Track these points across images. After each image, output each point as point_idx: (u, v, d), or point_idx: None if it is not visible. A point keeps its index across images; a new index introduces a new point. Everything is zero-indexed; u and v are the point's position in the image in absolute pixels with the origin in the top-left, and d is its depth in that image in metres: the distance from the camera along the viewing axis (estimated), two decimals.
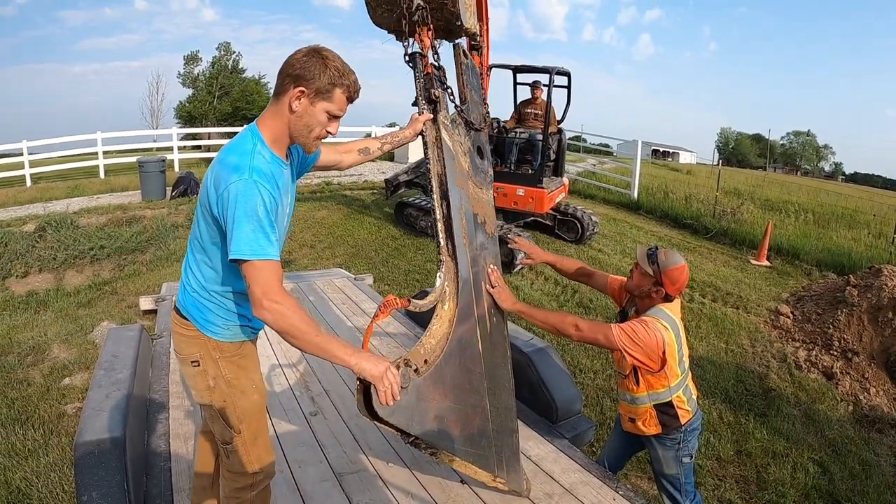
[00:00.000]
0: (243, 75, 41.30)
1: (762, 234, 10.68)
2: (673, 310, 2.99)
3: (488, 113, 3.54)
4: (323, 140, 2.18)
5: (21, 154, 16.21)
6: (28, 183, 16.12)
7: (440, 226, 2.65)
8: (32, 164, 16.36)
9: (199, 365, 2.23)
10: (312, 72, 1.94)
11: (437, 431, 2.39)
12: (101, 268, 9.72)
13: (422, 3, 2.64)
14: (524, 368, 4.04)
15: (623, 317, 3.25)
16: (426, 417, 2.32)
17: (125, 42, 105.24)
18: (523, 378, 4.08)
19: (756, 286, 8.99)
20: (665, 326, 2.89)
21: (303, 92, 1.96)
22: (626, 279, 3.30)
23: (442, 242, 2.63)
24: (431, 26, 2.63)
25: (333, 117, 2.06)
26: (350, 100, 2.07)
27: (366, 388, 1.98)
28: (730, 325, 7.49)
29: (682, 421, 3.07)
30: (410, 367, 2.22)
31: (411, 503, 3.06)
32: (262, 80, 40.97)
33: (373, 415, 2.06)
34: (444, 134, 2.73)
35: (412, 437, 2.29)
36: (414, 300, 2.46)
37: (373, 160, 2.78)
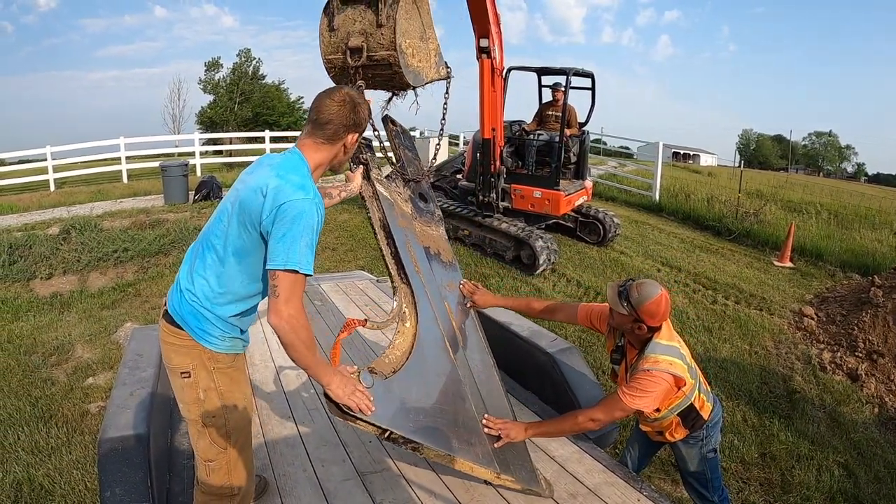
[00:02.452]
0: (263, 81, 41.64)
1: (785, 235, 10.55)
2: (665, 336, 2.90)
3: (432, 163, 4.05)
4: None
5: (45, 159, 16.45)
6: (52, 187, 16.37)
7: (390, 260, 3.06)
8: (56, 168, 16.62)
9: (189, 376, 2.21)
10: (360, 116, 2.25)
11: (413, 429, 2.59)
12: (124, 270, 9.82)
13: (362, 85, 3.17)
14: (548, 369, 4.02)
15: (620, 354, 3.17)
16: (397, 417, 2.55)
17: (145, 49, 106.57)
18: (547, 378, 4.07)
19: (779, 288, 8.88)
20: (669, 361, 2.82)
21: (357, 136, 2.28)
22: (599, 308, 3.26)
23: (394, 272, 3.05)
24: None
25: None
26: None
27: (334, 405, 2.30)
28: (753, 327, 7.40)
29: (706, 416, 3.05)
30: (375, 373, 2.54)
31: (434, 502, 3.05)
32: (283, 86, 41.29)
33: (343, 415, 2.32)
34: (379, 187, 3.19)
35: (386, 431, 2.47)
36: (371, 320, 2.80)
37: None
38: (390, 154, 3.68)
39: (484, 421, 2.95)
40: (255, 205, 2.05)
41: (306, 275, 2.02)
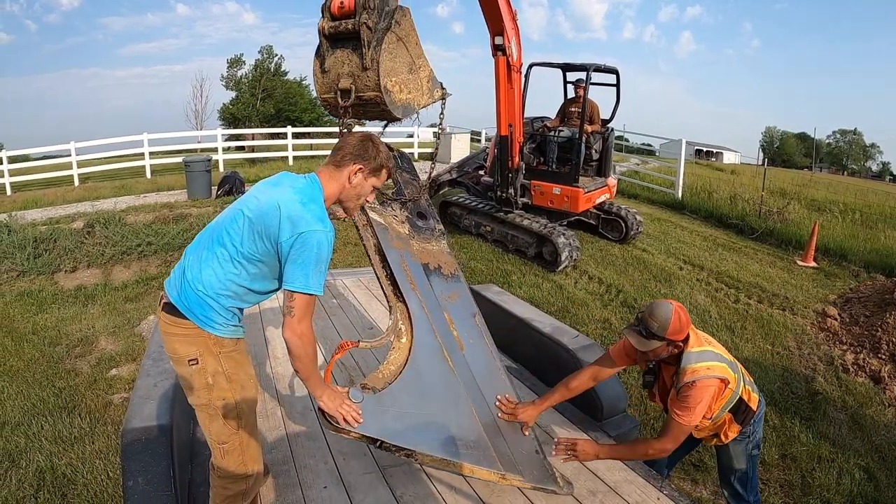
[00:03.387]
0: (286, 78, 41.85)
1: (809, 234, 10.41)
2: (694, 343, 2.88)
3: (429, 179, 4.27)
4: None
5: (69, 155, 16.65)
6: (76, 182, 16.57)
7: (385, 282, 3.28)
8: (80, 164, 16.80)
9: (197, 363, 2.31)
10: (370, 153, 2.41)
11: (404, 438, 2.70)
12: (147, 263, 9.92)
13: (352, 124, 3.42)
14: (570, 365, 4.00)
15: (653, 375, 3.17)
16: (387, 427, 2.66)
17: (167, 46, 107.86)
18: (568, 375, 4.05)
19: (802, 287, 8.78)
20: (707, 367, 2.83)
21: (361, 169, 2.41)
22: (622, 346, 3.19)
23: (389, 293, 3.25)
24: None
25: (375, 188, 2.54)
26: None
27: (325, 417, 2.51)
28: (776, 327, 7.33)
29: (755, 407, 3.05)
30: (368, 388, 2.71)
31: (455, 497, 3.06)
32: (305, 83, 41.43)
33: (334, 428, 2.52)
34: (372, 215, 3.46)
35: (378, 441, 2.62)
36: (363, 341, 2.94)
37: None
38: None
39: (557, 438, 3.10)
40: (272, 222, 2.23)
41: (317, 296, 2.26)
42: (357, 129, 3.42)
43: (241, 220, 2.28)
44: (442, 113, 3.95)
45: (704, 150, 50.82)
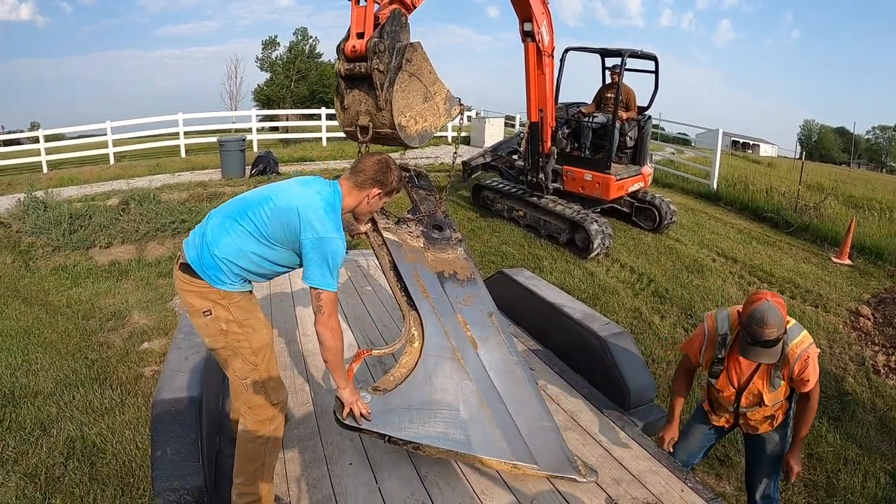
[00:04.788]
0: (320, 60, 41.91)
1: (845, 231, 10.18)
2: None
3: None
4: None
5: (105, 134, 16.90)
6: (111, 161, 16.82)
7: (399, 294, 3.55)
8: (115, 143, 17.04)
9: (210, 314, 2.57)
10: (388, 179, 2.77)
11: (411, 433, 2.90)
12: (181, 241, 10.05)
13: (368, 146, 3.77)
14: (599, 353, 4.01)
15: (720, 364, 3.12)
16: (393, 424, 2.88)
17: (202, 28, 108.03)
18: (597, 362, 4.06)
19: (836, 285, 8.59)
20: (805, 335, 2.91)
21: (379, 193, 2.78)
22: (696, 344, 3.19)
23: (403, 303, 3.51)
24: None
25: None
26: (397, 193, 2.97)
27: (339, 405, 2.78)
28: (808, 324, 7.17)
29: None
30: (379, 391, 2.96)
31: (478, 478, 3.08)
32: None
33: (342, 426, 2.78)
34: (387, 234, 3.73)
35: (385, 436, 2.84)
36: (375, 349, 3.32)
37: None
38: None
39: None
40: (294, 218, 2.52)
41: (335, 292, 2.58)
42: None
43: (269, 206, 2.55)
44: (461, 122, 4.32)
45: (741, 141, 49.92)
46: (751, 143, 52.18)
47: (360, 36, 3.96)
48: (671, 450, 3.32)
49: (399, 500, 2.89)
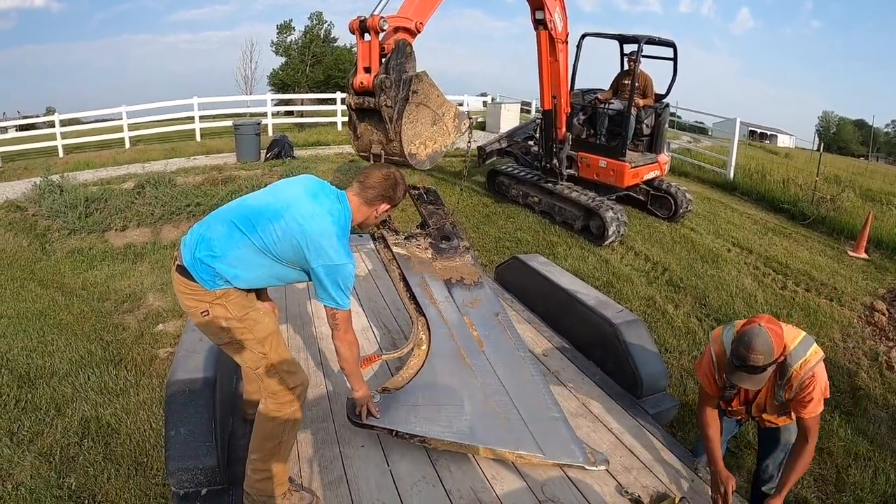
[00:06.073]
0: (335, 44, 41.74)
1: (862, 224, 10.07)
2: (791, 337, 2.76)
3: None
4: None
5: (120, 118, 16.97)
6: (127, 145, 16.89)
7: (408, 303, 3.89)
8: (131, 127, 17.11)
9: (208, 314, 2.55)
10: (396, 194, 2.80)
11: (417, 428, 3.03)
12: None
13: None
14: (612, 340, 4.01)
15: (734, 389, 2.96)
16: (400, 420, 3.05)
17: (216, 12, 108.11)
18: (610, 349, 4.06)
19: (852, 279, 8.51)
20: (813, 352, 2.76)
21: (388, 208, 2.84)
22: (709, 374, 3.00)
23: (411, 311, 3.83)
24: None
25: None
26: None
27: (351, 405, 3.06)
28: (822, 317, 7.14)
29: None
30: (388, 390, 3.22)
31: (489, 464, 3.09)
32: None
33: (354, 424, 3.03)
34: (396, 249, 4.14)
35: (393, 431, 3.00)
36: (385, 354, 3.69)
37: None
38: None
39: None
40: (305, 248, 2.51)
41: (349, 310, 2.67)
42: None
43: (280, 224, 2.51)
44: (469, 139, 4.87)
45: (759, 131, 49.29)
46: (768, 133, 51.46)
47: (367, 70, 4.24)
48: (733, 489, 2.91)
49: (410, 482, 2.90)
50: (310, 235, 2.50)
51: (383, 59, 4.35)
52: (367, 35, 4.41)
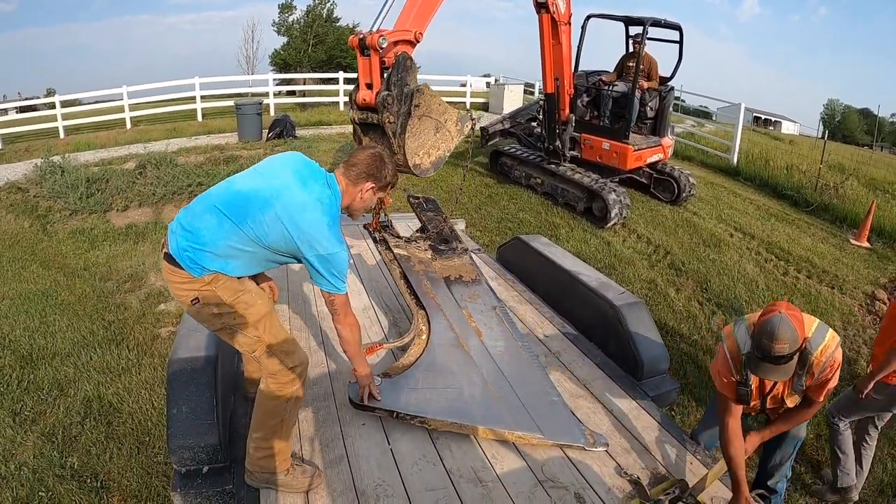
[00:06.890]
0: (338, 24, 41.46)
1: (865, 213, 10.04)
2: (808, 326, 2.68)
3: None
4: None
5: (121, 99, 16.88)
6: (128, 126, 16.81)
7: (409, 298, 4.05)
8: (132, 107, 17.02)
9: (198, 301, 2.51)
10: (382, 173, 2.73)
11: (416, 409, 3.10)
12: None
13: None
14: (613, 322, 4.01)
15: (747, 387, 2.82)
16: (400, 402, 3.11)
17: None
18: (611, 331, 4.06)
19: (854, 267, 8.49)
20: (831, 337, 2.69)
21: (372, 187, 2.73)
22: (724, 372, 2.85)
23: (412, 305, 3.99)
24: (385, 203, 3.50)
25: (380, 200, 3.06)
26: (393, 187, 2.95)
27: (352, 389, 3.12)
28: (823, 305, 7.14)
29: None
30: (389, 375, 3.30)
31: (489, 443, 3.09)
32: (357, 29, 40.97)
33: (356, 406, 3.08)
34: (397, 251, 4.38)
35: (394, 412, 3.06)
36: (386, 343, 3.86)
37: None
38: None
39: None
40: (297, 239, 2.46)
41: (346, 294, 2.69)
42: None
43: (270, 214, 2.43)
44: (469, 140, 4.60)
45: (763, 117, 49.04)
46: (773, 119, 51.20)
47: (369, 86, 4.23)
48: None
49: (410, 461, 2.91)
50: (301, 227, 2.45)
51: (385, 75, 4.38)
52: (366, 51, 4.42)
